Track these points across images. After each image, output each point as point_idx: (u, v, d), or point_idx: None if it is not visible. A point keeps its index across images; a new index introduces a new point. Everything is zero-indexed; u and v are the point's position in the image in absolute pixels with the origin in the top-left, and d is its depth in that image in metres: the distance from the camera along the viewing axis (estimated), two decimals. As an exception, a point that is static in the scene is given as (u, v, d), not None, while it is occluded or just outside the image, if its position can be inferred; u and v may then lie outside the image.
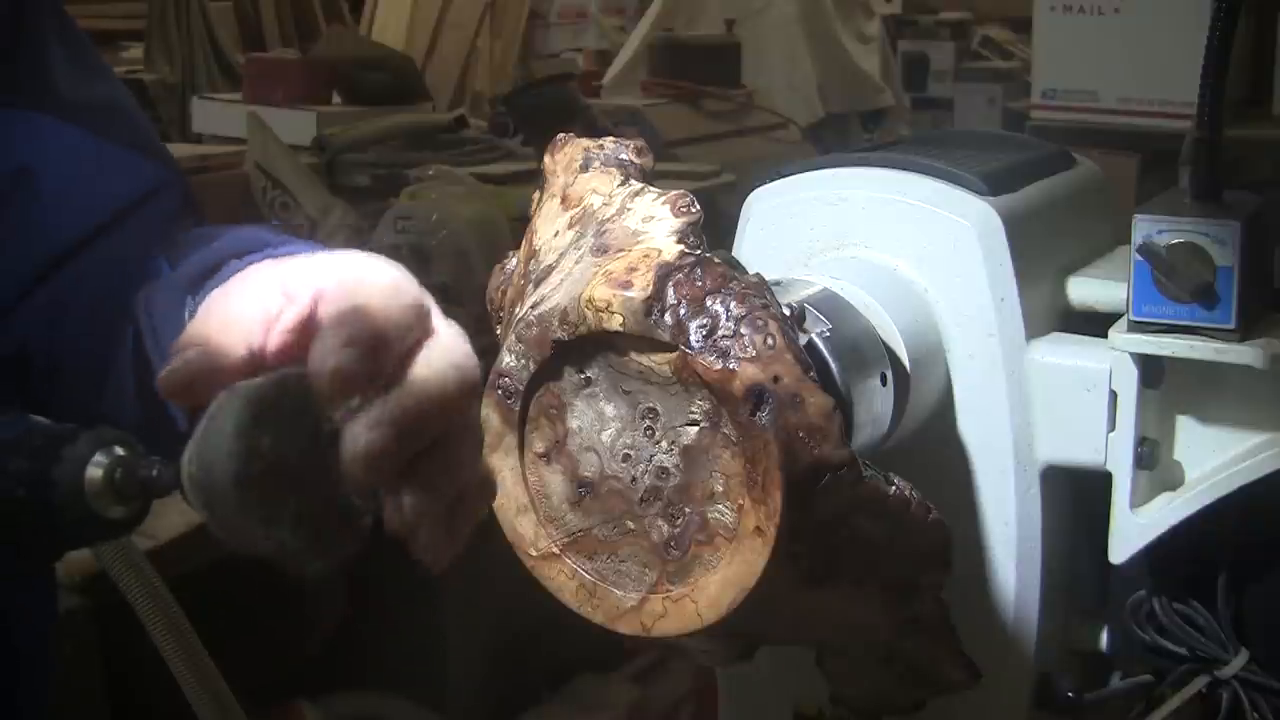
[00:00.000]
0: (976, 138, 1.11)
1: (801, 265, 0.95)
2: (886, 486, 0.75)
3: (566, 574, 0.79)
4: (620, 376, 0.76)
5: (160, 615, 1.43)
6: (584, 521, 0.79)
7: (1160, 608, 0.93)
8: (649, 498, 0.76)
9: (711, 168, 3.41)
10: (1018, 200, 0.95)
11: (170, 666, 1.43)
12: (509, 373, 0.78)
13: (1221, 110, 0.87)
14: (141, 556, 1.51)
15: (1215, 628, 0.92)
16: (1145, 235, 0.87)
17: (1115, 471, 0.91)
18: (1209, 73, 0.86)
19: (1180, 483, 0.92)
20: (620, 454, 0.77)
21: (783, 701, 1.01)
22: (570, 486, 0.79)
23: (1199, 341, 0.87)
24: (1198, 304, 0.86)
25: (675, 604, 0.76)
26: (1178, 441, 0.93)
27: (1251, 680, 0.91)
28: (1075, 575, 0.97)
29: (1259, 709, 0.91)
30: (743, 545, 0.73)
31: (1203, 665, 0.92)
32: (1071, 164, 1.08)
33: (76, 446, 0.65)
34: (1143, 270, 0.88)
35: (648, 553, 0.77)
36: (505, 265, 0.90)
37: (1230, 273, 0.86)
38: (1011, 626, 0.94)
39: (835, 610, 0.79)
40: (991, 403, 0.92)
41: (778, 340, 0.72)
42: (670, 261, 0.75)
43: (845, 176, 0.97)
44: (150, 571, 1.50)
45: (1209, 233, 0.86)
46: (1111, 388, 0.90)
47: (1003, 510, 0.93)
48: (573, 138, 0.88)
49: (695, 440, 0.75)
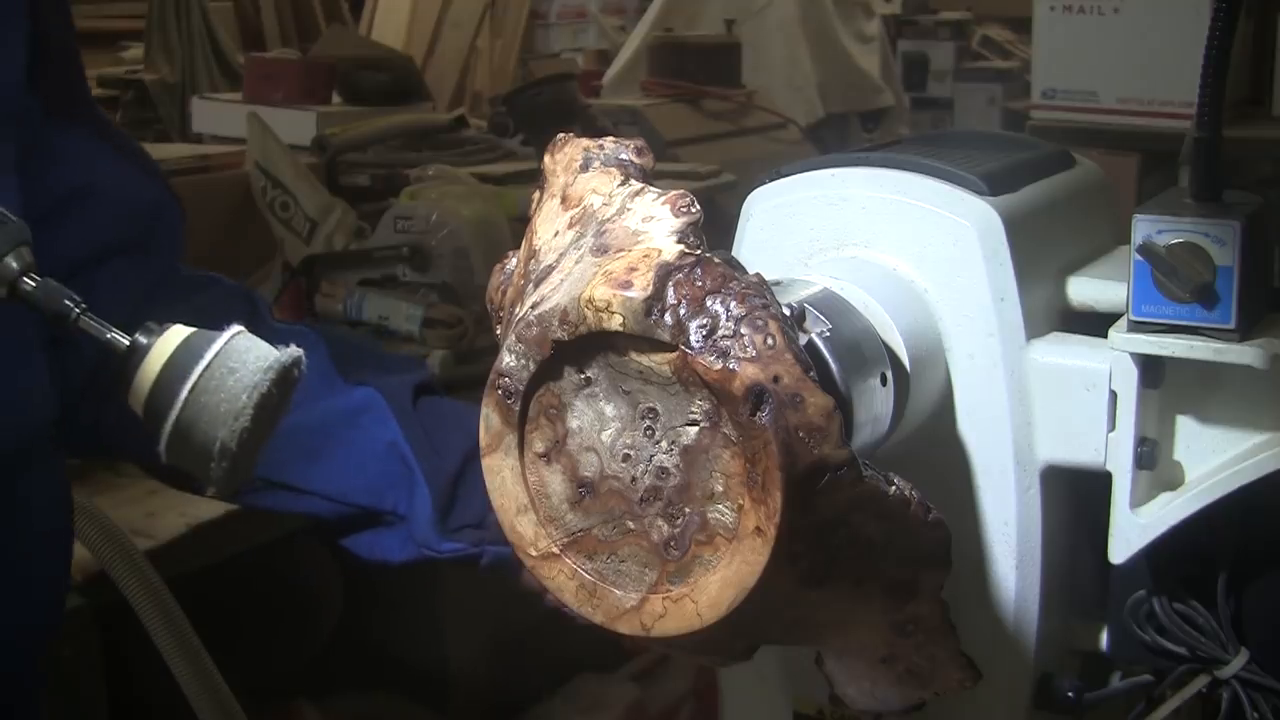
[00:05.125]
0: (976, 138, 1.11)
1: (801, 265, 0.95)
2: (886, 486, 0.75)
3: (566, 574, 0.79)
4: (620, 376, 0.76)
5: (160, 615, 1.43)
6: (584, 521, 0.78)
7: (1160, 608, 0.93)
8: (649, 498, 0.76)
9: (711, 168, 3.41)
10: (1018, 200, 0.95)
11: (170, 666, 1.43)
12: (509, 373, 0.78)
13: (1221, 110, 0.87)
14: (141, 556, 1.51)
15: (1215, 628, 0.92)
16: (1145, 235, 0.87)
17: (1115, 471, 0.91)
18: (1209, 73, 0.86)
19: (1180, 483, 0.92)
20: (620, 454, 0.77)
21: (783, 702, 1.01)
22: (570, 486, 0.79)
23: (1199, 341, 0.87)
24: (1198, 304, 0.86)
25: (675, 604, 0.76)
26: (1178, 441, 0.93)
27: (1251, 680, 0.91)
28: (1075, 575, 0.97)
29: (1259, 709, 0.91)
30: (743, 545, 0.73)
31: (1203, 665, 0.92)
32: (1071, 164, 1.08)
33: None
34: (1143, 270, 0.88)
35: (648, 553, 0.77)
36: (505, 265, 0.90)
37: (1230, 273, 0.86)
38: (1011, 626, 0.94)
39: (835, 610, 0.79)
40: (991, 403, 0.92)
41: (778, 340, 0.72)
42: (670, 261, 0.75)
43: (845, 176, 0.97)
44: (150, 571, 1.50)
45: (1209, 233, 0.86)
46: (1111, 388, 0.90)
47: (1003, 510, 0.93)
48: (573, 138, 0.88)
49: (695, 440, 0.75)
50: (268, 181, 2.80)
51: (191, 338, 0.72)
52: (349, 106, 3.48)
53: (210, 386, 0.70)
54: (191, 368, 0.71)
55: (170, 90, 3.81)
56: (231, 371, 0.71)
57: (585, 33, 5.93)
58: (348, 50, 3.78)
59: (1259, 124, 2.95)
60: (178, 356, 0.71)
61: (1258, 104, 3.02)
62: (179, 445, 0.71)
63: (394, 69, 3.66)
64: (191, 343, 0.72)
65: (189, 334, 0.72)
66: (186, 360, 0.71)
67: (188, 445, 0.71)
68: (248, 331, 0.73)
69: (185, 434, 0.71)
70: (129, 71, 4.02)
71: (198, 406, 0.70)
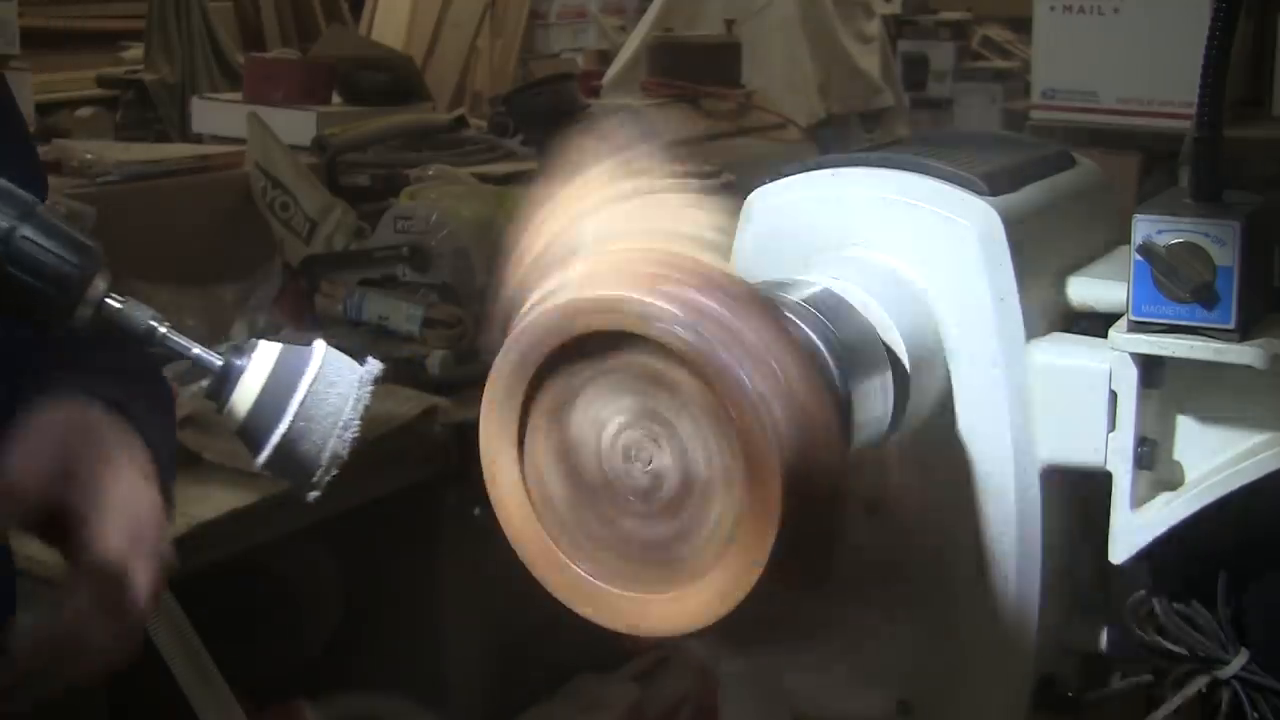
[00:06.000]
0: (976, 138, 1.11)
1: (801, 265, 0.95)
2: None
3: (566, 573, 0.79)
4: (621, 376, 0.76)
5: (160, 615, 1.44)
6: (584, 520, 0.78)
7: (1160, 608, 0.93)
8: (649, 498, 0.76)
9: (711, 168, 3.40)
10: (1018, 200, 0.95)
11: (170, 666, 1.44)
12: (510, 372, 0.78)
13: (1221, 110, 0.87)
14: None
15: (1215, 628, 0.92)
16: (1145, 235, 0.87)
17: (1115, 471, 0.91)
18: (1209, 73, 0.86)
19: (1180, 483, 0.92)
20: (620, 454, 0.77)
21: (783, 703, 1.01)
22: (570, 486, 0.79)
23: (1199, 341, 0.87)
24: (1198, 304, 0.86)
25: (674, 604, 0.76)
26: (1178, 441, 0.93)
27: (1251, 680, 0.91)
28: (1075, 575, 0.97)
29: (1259, 709, 0.91)
30: (741, 546, 0.73)
31: (1203, 665, 0.92)
32: (1071, 164, 1.08)
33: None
34: (1143, 270, 0.88)
35: (646, 553, 0.77)
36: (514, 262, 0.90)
37: (1230, 273, 0.86)
38: (1011, 626, 0.94)
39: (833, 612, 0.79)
40: (991, 403, 0.92)
41: (779, 341, 0.72)
42: (671, 262, 0.75)
43: (845, 176, 0.97)
44: (150, 571, 1.49)
45: (1209, 233, 0.86)
46: (1111, 388, 0.90)
47: (1003, 510, 0.93)
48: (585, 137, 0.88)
49: (695, 441, 0.75)
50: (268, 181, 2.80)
51: (285, 355, 0.77)
52: (349, 106, 3.48)
53: (316, 402, 0.76)
54: (295, 384, 0.76)
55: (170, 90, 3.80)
56: (332, 385, 0.76)
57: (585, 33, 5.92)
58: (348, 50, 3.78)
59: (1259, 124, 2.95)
60: (278, 373, 0.76)
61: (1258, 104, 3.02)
62: (283, 457, 0.76)
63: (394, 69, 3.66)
64: (288, 360, 0.76)
65: (280, 350, 0.77)
66: (288, 378, 0.76)
67: (292, 457, 0.76)
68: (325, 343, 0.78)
69: (291, 446, 0.76)
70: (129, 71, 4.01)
71: (306, 419, 0.75)
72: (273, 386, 0.77)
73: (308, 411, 0.76)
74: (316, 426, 0.77)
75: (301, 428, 0.76)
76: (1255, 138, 2.81)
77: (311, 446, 0.76)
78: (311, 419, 0.76)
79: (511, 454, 0.79)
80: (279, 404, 0.76)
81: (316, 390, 0.77)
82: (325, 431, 0.77)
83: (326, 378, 0.78)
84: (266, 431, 0.77)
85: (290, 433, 0.76)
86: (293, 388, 0.76)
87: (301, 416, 0.76)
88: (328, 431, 0.77)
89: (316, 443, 0.76)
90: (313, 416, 0.76)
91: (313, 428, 0.77)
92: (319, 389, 0.77)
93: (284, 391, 0.77)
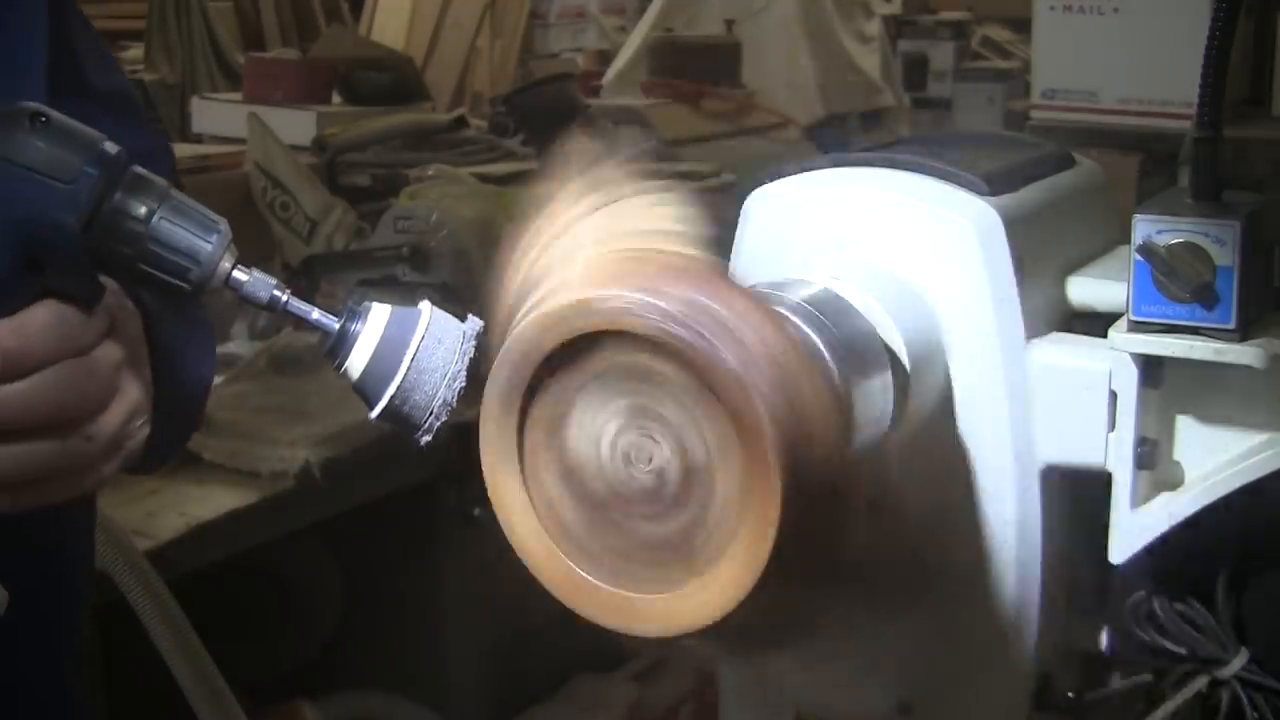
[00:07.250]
0: (976, 138, 1.11)
1: (801, 265, 0.95)
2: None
3: (567, 573, 0.79)
4: (620, 376, 0.76)
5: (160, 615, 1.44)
6: (584, 521, 0.78)
7: (1160, 608, 0.93)
8: (649, 498, 0.76)
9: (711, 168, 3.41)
10: (1018, 200, 0.95)
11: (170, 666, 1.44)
12: (510, 372, 0.78)
13: (1221, 110, 0.87)
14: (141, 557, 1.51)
15: (1215, 628, 0.92)
16: (1145, 235, 0.87)
17: (1115, 471, 0.91)
18: (1209, 73, 0.86)
19: (1180, 483, 0.92)
20: (620, 454, 0.77)
21: (783, 702, 1.01)
22: (570, 486, 0.79)
23: (1199, 341, 0.87)
24: (1198, 304, 0.86)
25: (675, 604, 0.76)
26: (1178, 441, 0.93)
27: (1251, 680, 0.91)
28: (1075, 575, 0.97)
29: (1259, 709, 0.91)
30: (743, 545, 0.73)
31: (1203, 665, 0.92)
32: (1071, 164, 1.08)
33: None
34: (1143, 270, 0.88)
35: (648, 552, 0.77)
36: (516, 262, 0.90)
37: (1230, 273, 0.86)
38: (1011, 626, 0.94)
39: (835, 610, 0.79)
40: (991, 403, 0.92)
41: (779, 341, 0.72)
42: (671, 262, 0.75)
43: (845, 176, 0.97)
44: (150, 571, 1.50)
45: (1209, 233, 0.86)
46: (1111, 388, 0.90)
47: (1003, 510, 0.93)
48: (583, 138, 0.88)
49: (695, 441, 0.75)
50: (268, 181, 2.80)
51: (395, 315, 0.85)
52: (349, 106, 3.48)
53: (426, 356, 0.84)
54: (407, 341, 0.84)
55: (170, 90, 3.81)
56: (440, 341, 0.84)
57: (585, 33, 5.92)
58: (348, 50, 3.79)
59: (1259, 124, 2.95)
60: (390, 333, 0.84)
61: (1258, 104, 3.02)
62: (397, 407, 0.84)
63: (394, 69, 3.66)
64: (399, 319, 0.84)
65: (390, 311, 0.85)
66: (400, 335, 0.84)
67: (404, 407, 0.84)
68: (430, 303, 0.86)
69: (405, 397, 0.84)
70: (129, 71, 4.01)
71: (418, 373, 0.84)
72: (386, 344, 0.84)
73: (419, 365, 0.84)
74: (427, 379, 0.84)
75: (414, 379, 0.84)
76: (1255, 138, 2.81)
77: (423, 396, 0.84)
78: (422, 372, 0.84)
79: (515, 475, 0.79)
80: (393, 360, 0.84)
81: (426, 345, 0.84)
82: (435, 383, 0.84)
83: (434, 334, 0.85)
84: (383, 384, 0.84)
85: (404, 384, 0.84)
86: (405, 344, 0.84)
87: (414, 370, 0.84)
88: (437, 383, 0.84)
89: (428, 393, 0.84)
90: (423, 369, 0.84)
91: (423, 379, 0.84)
92: (428, 344, 0.84)
93: (397, 348, 0.84)
